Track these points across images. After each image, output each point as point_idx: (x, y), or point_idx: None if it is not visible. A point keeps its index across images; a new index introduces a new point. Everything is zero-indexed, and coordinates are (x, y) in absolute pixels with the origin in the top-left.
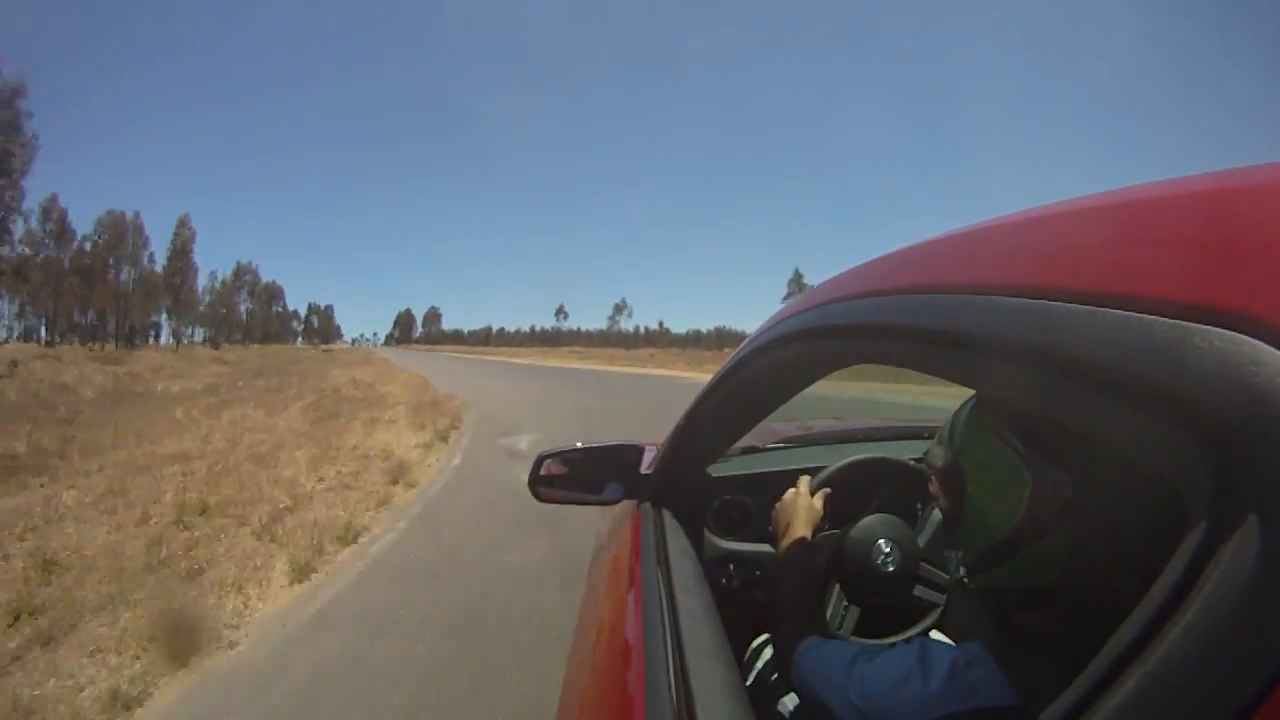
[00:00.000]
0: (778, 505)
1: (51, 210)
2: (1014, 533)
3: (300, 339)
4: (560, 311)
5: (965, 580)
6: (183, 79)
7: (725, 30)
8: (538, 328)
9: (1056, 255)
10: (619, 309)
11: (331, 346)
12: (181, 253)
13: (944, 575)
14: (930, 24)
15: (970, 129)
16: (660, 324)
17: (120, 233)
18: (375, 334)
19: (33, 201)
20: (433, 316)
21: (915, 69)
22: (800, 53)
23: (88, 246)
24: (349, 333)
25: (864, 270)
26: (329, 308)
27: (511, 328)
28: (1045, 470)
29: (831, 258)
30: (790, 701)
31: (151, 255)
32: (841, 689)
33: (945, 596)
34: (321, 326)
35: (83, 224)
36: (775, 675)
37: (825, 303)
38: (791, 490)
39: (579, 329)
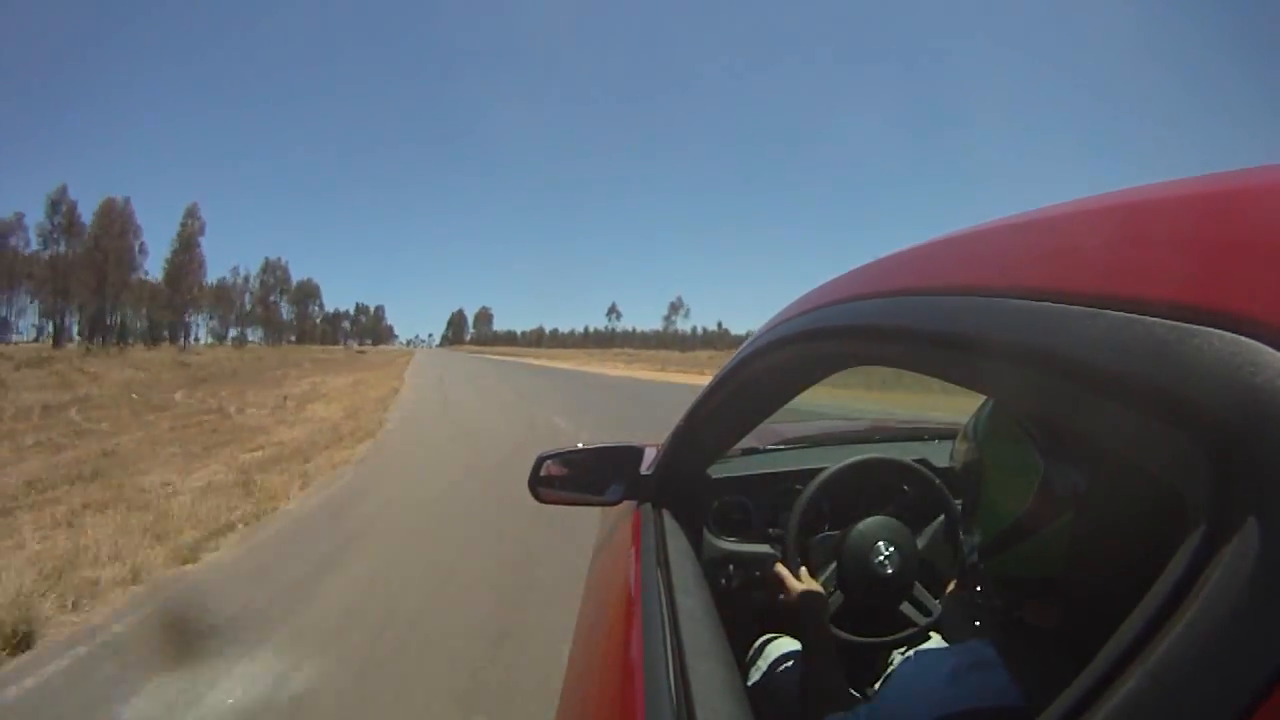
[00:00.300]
0: (782, 601)
1: (60, 203)
2: (1022, 519)
3: (350, 340)
4: (612, 311)
5: (977, 563)
6: (222, 79)
7: (788, 23)
8: (590, 329)
9: (1056, 257)
10: (675, 309)
11: (365, 348)
12: (188, 245)
13: (934, 600)
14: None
15: (981, 129)
16: (719, 324)
17: (108, 222)
18: (430, 335)
19: (40, 195)
20: (484, 317)
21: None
22: (863, 50)
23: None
24: (404, 334)
25: (863, 272)
26: (379, 308)
27: (565, 328)
28: (1058, 462)
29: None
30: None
31: (144, 246)
32: None
33: (929, 620)
34: (371, 327)
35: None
36: (778, 670)
37: (825, 305)
38: (781, 594)
39: (633, 329)
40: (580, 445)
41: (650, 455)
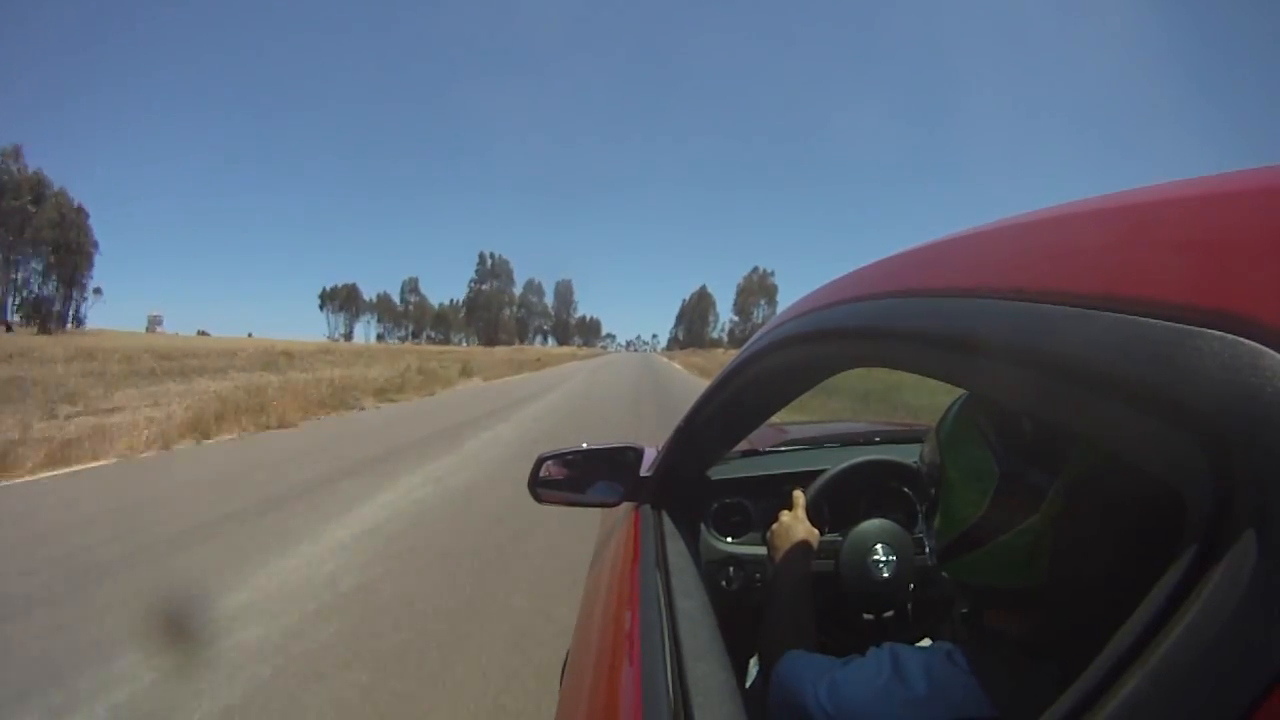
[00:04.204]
0: (774, 527)
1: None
2: (978, 525)
3: (540, 338)
4: None
5: (934, 565)
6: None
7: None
8: None
9: (1056, 258)
10: None
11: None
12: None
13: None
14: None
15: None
16: None
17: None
18: (654, 336)
19: None
20: (759, 288)
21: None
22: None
23: None
24: (624, 334)
25: (863, 274)
26: (564, 283)
27: None
28: (1017, 468)
29: None
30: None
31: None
32: (813, 693)
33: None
34: (559, 317)
35: None
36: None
37: (825, 306)
38: (785, 512)
39: None
40: (583, 446)
41: (650, 456)
